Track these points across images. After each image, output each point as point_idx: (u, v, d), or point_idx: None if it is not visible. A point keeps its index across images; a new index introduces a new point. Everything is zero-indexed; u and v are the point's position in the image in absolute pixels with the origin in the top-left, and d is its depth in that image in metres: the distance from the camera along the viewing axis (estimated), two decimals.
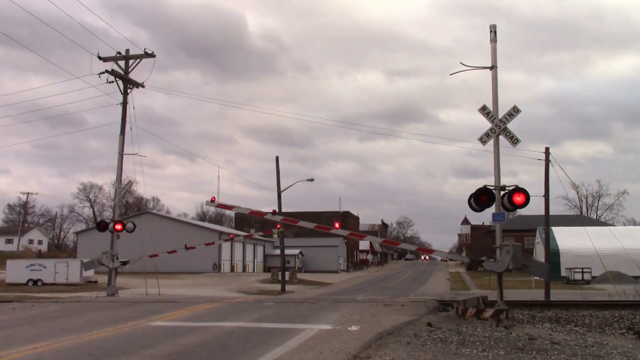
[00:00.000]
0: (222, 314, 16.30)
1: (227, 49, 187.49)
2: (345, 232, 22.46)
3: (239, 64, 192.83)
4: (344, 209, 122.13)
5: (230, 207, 22.64)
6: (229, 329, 12.71)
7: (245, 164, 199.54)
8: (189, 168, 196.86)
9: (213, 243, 44.80)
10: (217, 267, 67.89)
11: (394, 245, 37.28)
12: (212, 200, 21.76)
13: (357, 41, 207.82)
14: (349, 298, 23.88)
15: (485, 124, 15.25)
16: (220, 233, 75.35)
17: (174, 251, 32.70)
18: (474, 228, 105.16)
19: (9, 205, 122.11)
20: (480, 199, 14.48)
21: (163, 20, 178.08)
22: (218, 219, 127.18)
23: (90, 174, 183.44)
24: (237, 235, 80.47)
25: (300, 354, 9.43)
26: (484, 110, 15.22)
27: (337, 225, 21.76)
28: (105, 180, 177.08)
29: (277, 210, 41.88)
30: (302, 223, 20.75)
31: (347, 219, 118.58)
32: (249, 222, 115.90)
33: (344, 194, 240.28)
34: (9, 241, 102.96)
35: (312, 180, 47.79)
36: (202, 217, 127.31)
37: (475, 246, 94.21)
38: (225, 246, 74.47)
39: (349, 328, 12.41)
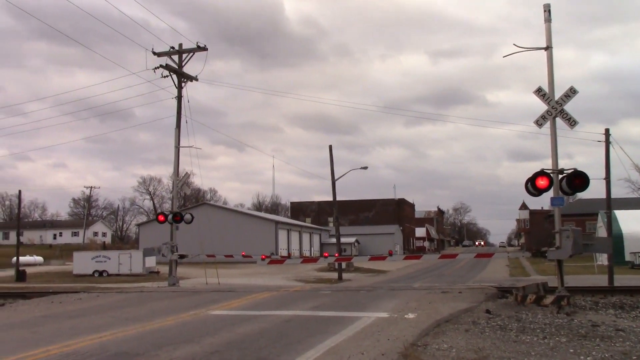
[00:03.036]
0: (280, 302, 16.49)
1: (266, 36, 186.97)
2: (401, 257, 22.99)
3: (279, 50, 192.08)
4: (397, 196, 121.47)
5: (281, 261, 24.24)
6: (287, 317, 12.85)
7: (294, 152, 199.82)
8: (238, 158, 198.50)
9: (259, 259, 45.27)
10: (274, 256, 68.67)
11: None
12: (263, 258, 23.95)
13: (398, 22, 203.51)
14: (405, 285, 23.79)
15: (539, 105, 14.86)
16: (277, 223, 76.04)
17: (231, 256, 33.74)
18: (533, 213, 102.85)
19: (73, 199, 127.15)
20: (538, 183, 14.14)
21: (201, 9, 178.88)
22: (274, 209, 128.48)
23: (143, 167, 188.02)
24: (292, 226, 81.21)
25: (357, 341, 9.46)
26: (539, 92, 14.84)
27: (390, 252, 23.15)
28: (158, 172, 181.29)
29: (333, 199, 41.99)
30: (356, 260, 21.20)
31: (403, 207, 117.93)
32: (305, 211, 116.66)
33: (394, 181, 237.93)
34: (75, 234, 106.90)
35: (365, 168, 47.69)
36: (258, 207, 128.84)
37: (535, 232, 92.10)
38: (282, 235, 75.18)
39: (405, 316, 12.37)
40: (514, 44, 15.35)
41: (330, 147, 41.50)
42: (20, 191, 58.38)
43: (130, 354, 8.75)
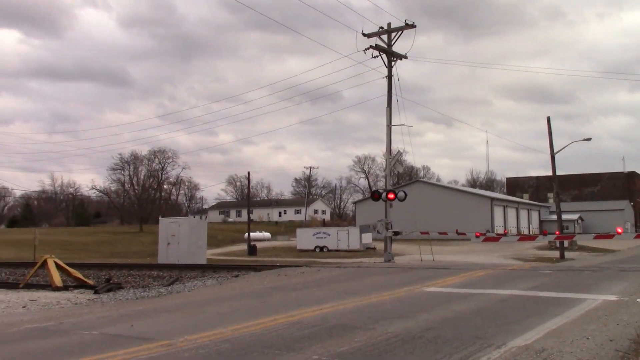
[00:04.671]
0: (496, 281, 16.05)
1: (469, 5, 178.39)
2: (632, 235, 20.99)
3: (483, 19, 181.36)
4: (626, 169, 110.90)
5: (496, 239, 23.67)
6: (503, 296, 12.48)
7: (505, 125, 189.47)
8: (447, 134, 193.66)
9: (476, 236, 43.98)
10: (490, 234, 66.92)
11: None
12: (477, 236, 23.48)
13: None
14: (638, 267, 21.74)
15: None
16: (492, 199, 73.88)
17: (445, 233, 33.54)
18: None
19: (295, 179, 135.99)
20: None
21: None
22: (489, 185, 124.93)
23: (354, 146, 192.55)
24: (509, 202, 78.48)
25: (581, 325, 8.88)
26: None
27: (619, 230, 21.63)
28: (368, 151, 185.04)
29: (552, 174, 39.75)
30: (579, 238, 19.72)
31: (634, 180, 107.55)
32: (522, 186, 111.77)
33: (621, 152, 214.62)
34: (298, 212, 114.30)
35: (588, 139, 44.16)
36: (472, 183, 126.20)
37: None
38: (498, 212, 72.99)
39: (638, 300, 11.32)
40: None
41: (549, 118, 39.33)
42: (249, 173, 63.71)
43: (348, 326, 9.15)
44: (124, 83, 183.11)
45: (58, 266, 19.30)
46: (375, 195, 27.52)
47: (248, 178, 63.58)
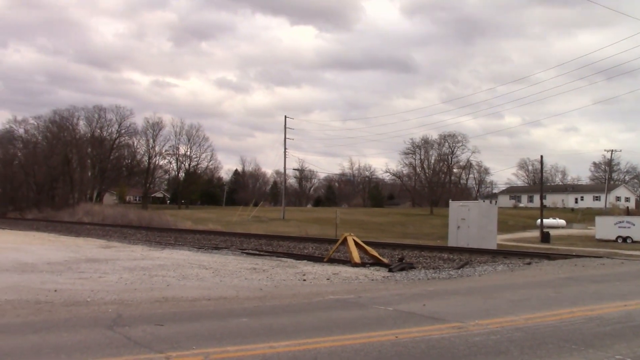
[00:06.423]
0: None
1: None
2: None
3: None
4: None
5: None
6: None
7: None
8: None
9: None
10: None
11: None
12: None
13: None
14: None
15: None
16: None
17: None
18: None
19: (594, 163, 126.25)
20: None
21: None
22: None
23: None
24: None
25: None
26: None
27: None
28: None
29: None
30: None
31: None
32: None
33: None
34: (596, 198, 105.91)
35: None
36: None
37: None
38: None
39: None
40: None
41: None
42: (542, 157, 60.63)
43: None
44: (408, 69, 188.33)
45: (356, 244, 20.77)
46: None
47: (541, 162, 60.64)
